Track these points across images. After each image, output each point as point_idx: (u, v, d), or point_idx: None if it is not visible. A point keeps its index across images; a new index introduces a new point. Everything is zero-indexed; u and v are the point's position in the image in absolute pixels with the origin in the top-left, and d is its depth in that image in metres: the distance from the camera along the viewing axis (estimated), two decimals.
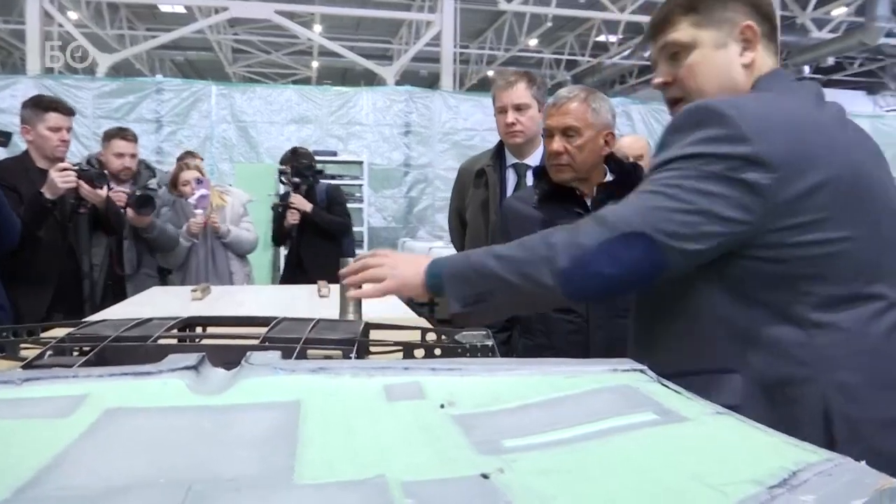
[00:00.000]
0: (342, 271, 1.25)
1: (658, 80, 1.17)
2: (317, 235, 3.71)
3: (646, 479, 0.47)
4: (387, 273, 1.14)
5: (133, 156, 3.31)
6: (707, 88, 1.11)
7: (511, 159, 2.37)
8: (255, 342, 1.10)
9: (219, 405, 0.69)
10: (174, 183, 3.66)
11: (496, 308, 1.09)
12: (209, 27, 10.41)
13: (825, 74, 13.09)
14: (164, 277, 3.50)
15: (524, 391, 0.72)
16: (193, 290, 2.27)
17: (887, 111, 13.98)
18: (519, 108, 2.27)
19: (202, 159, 4.99)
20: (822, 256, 0.97)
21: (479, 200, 2.37)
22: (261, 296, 2.43)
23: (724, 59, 1.10)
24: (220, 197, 3.63)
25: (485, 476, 0.49)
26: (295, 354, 1.03)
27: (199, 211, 3.43)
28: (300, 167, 3.76)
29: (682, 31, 1.11)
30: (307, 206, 3.65)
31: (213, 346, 1.07)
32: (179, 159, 4.93)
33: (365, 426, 0.63)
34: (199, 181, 3.47)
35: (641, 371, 0.77)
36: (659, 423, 0.60)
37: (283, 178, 3.88)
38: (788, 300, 0.98)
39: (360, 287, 1.18)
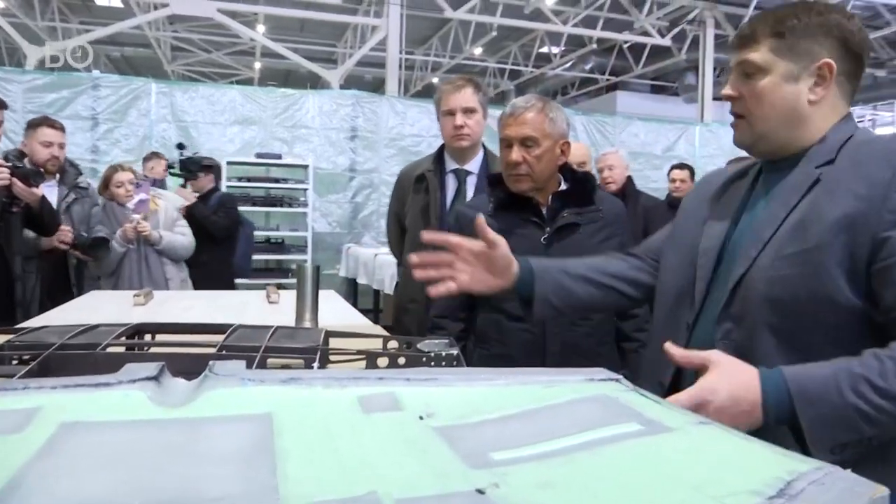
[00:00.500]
0: None
1: (726, 91, 1.13)
2: (204, 239, 3.77)
3: (647, 492, 0.47)
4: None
5: (62, 146, 3.15)
6: (769, 117, 1.09)
7: (451, 164, 2.36)
8: (212, 350, 1.05)
9: (185, 418, 0.66)
10: (105, 185, 3.52)
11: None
12: (148, 23, 10.10)
13: None
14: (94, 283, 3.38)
15: (502, 402, 0.71)
16: (136, 296, 2.18)
17: None
18: (467, 112, 2.28)
19: (166, 160, 4.85)
20: None
21: (419, 206, 2.35)
22: (207, 301, 2.35)
23: (792, 92, 1.07)
24: (153, 201, 3.51)
25: (480, 491, 0.48)
26: (255, 363, 0.99)
27: (136, 216, 3.28)
28: (187, 162, 3.87)
29: (761, 54, 1.08)
30: (191, 199, 3.79)
31: (169, 355, 1.02)
32: (146, 160, 4.79)
33: (344, 440, 0.61)
34: (137, 185, 3.31)
35: (617, 381, 0.77)
36: (645, 434, 0.59)
37: (171, 172, 3.99)
38: None
39: None
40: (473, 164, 2.36)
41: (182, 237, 3.55)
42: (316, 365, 1.04)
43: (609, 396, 0.72)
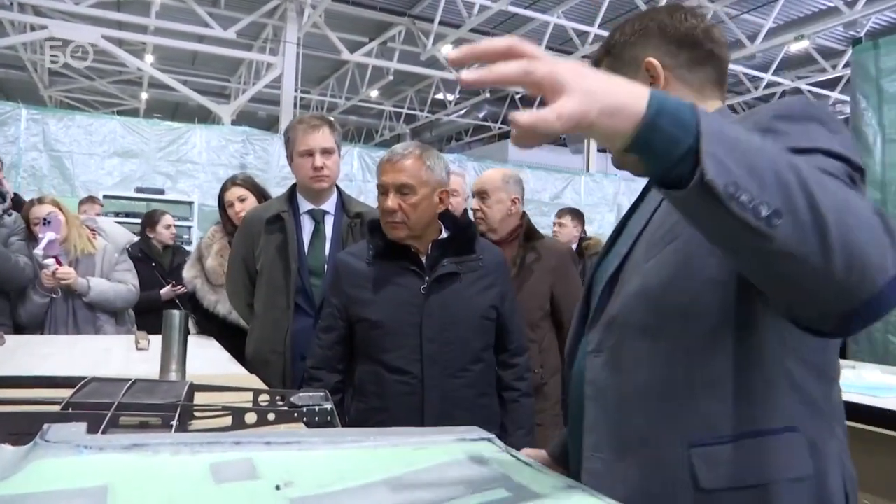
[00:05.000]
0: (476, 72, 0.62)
1: None
2: None
3: None
4: (569, 82, 0.60)
5: None
6: None
7: (306, 205, 2.28)
8: (56, 409, 0.95)
9: (3, 496, 0.58)
10: (27, 224, 2.89)
11: (742, 243, 0.64)
12: (23, 44, 9.51)
13: None
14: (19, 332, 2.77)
15: (369, 466, 0.67)
16: None
17: None
18: (325, 153, 2.21)
19: (101, 204, 4.44)
20: None
21: (274, 246, 2.23)
22: (69, 348, 2.15)
23: None
24: (89, 240, 2.88)
25: None
26: (104, 424, 0.90)
27: (48, 262, 2.68)
28: None
29: None
30: None
31: (2, 415, 0.91)
32: (81, 203, 4.24)
33: None
34: (46, 221, 2.69)
35: (489, 440, 0.75)
36: (512, 502, 0.57)
37: None
38: (823, 347, 0.88)
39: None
40: (329, 204, 2.30)
41: (121, 286, 2.93)
42: (175, 423, 0.96)
43: (480, 458, 0.70)
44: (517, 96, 12.28)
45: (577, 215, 4.82)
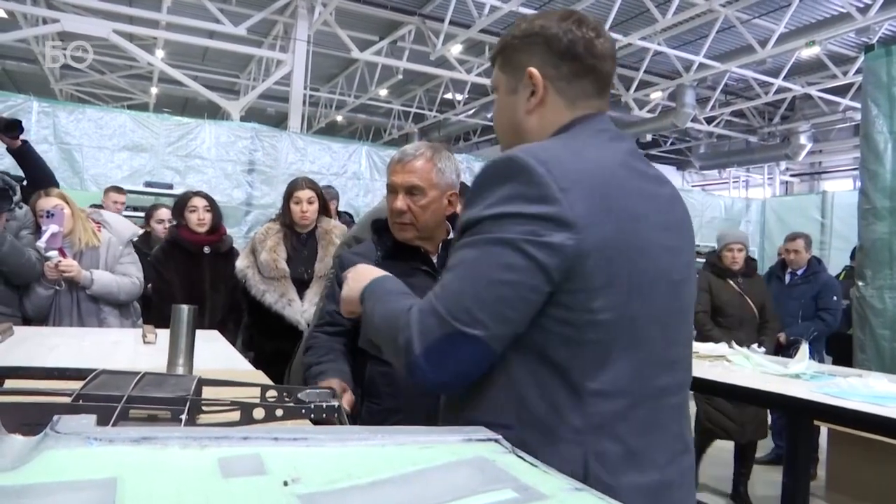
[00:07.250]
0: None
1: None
2: None
3: None
4: (346, 288, 1.20)
5: None
6: (501, 133, 1.13)
7: None
8: (67, 400, 0.96)
9: (13, 485, 0.58)
10: (35, 215, 2.91)
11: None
12: (35, 37, 9.55)
13: (644, 149, 14.54)
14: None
15: (376, 464, 0.67)
16: None
17: (692, 186, 15.95)
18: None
19: (125, 193, 4.48)
20: (604, 323, 0.92)
21: None
22: (77, 340, 2.16)
23: (512, 104, 1.07)
24: (94, 233, 2.91)
25: None
26: (115, 416, 0.91)
27: (52, 254, 2.71)
28: None
29: (494, 73, 1.12)
30: None
31: (11, 405, 0.92)
32: (105, 192, 4.27)
33: None
34: (49, 214, 2.71)
35: (496, 441, 0.75)
36: (519, 502, 0.57)
37: None
38: (570, 363, 0.94)
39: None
40: None
41: (124, 279, 2.94)
42: (184, 417, 0.97)
43: (486, 459, 0.70)
44: None
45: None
